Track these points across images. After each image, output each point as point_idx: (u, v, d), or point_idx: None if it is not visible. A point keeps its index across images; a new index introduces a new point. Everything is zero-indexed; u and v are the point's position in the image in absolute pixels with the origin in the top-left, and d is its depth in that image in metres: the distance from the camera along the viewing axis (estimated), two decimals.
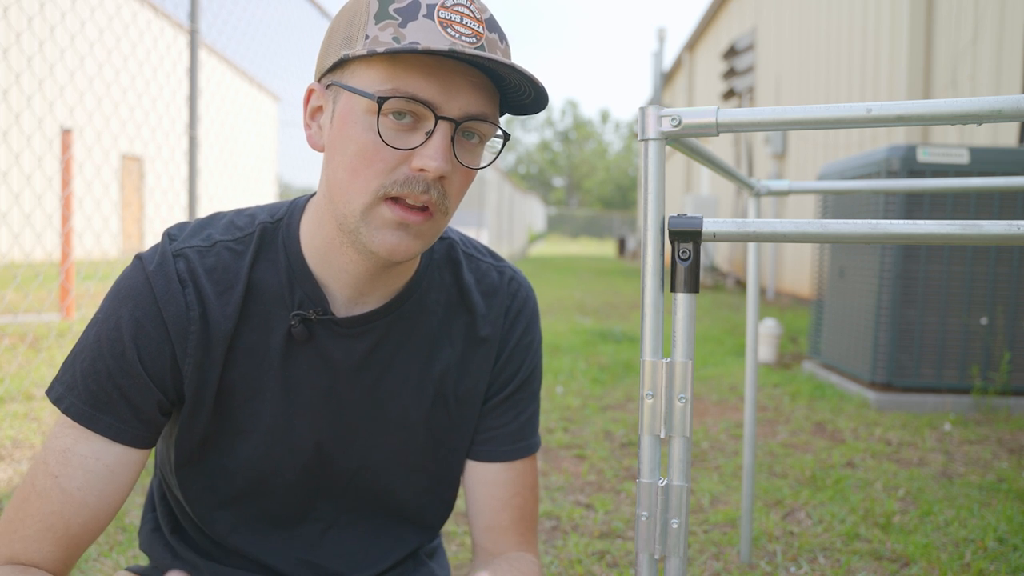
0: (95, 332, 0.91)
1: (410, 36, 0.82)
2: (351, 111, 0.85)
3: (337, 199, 0.88)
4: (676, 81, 19.47)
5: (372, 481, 1.03)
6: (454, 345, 1.04)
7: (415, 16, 0.82)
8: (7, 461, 2.59)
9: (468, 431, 1.07)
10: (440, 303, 1.03)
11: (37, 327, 5.16)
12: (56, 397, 0.90)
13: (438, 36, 0.82)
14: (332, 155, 0.88)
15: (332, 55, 0.87)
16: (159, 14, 10.46)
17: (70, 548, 0.90)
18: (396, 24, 0.82)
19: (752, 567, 2.00)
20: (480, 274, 1.07)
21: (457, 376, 1.04)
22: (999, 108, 0.64)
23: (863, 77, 7.91)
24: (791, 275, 9.79)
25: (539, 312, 1.12)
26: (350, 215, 0.87)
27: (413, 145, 0.84)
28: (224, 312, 0.92)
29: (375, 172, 0.85)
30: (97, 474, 0.89)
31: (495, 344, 1.06)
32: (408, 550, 1.09)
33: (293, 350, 0.95)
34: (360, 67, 0.84)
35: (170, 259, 0.92)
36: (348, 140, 0.85)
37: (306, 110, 0.92)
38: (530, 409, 1.10)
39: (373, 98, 0.82)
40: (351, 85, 0.85)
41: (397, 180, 0.85)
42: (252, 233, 0.96)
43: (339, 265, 0.93)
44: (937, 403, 3.76)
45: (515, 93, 0.89)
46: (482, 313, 1.06)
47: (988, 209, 3.77)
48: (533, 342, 1.10)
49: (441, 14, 0.83)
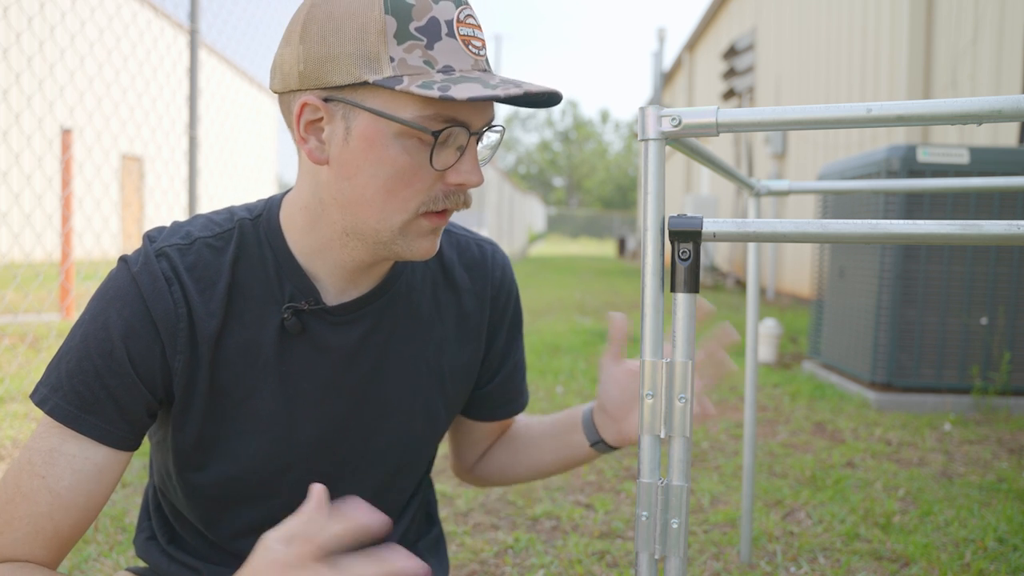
0: (81, 333, 0.90)
1: (441, 59, 0.83)
2: (379, 133, 0.84)
3: (365, 215, 0.88)
4: (676, 81, 19.48)
5: (370, 466, 1.04)
6: (444, 322, 1.06)
7: (439, 36, 0.82)
8: (7, 461, 2.59)
9: (460, 403, 1.13)
10: (427, 281, 1.05)
11: (37, 327, 5.16)
12: (40, 399, 0.88)
13: (464, 56, 0.84)
14: (351, 173, 0.86)
15: (340, 71, 0.83)
16: (159, 14, 10.46)
17: (60, 549, 0.90)
18: (423, 46, 0.82)
19: (752, 567, 2.00)
20: (460, 248, 1.10)
21: (450, 353, 1.07)
22: (999, 108, 0.64)
23: (863, 77, 7.91)
24: (791, 275, 9.79)
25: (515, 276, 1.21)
26: (385, 230, 0.88)
27: (451, 163, 0.87)
28: (208, 309, 0.92)
29: (414, 192, 0.86)
30: (86, 473, 0.88)
31: (483, 317, 1.10)
32: (403, 503, 1.12)
33: (287, 344, 0.95)
34: (388, 91, 0.83)
35: (153, 258, 0.91)
36: (381, 163, 0.85)
37: (298, 124, 0.87)
38: (524, 365, 1.21)
39: (427, 131, 0.83)
40: (379, 109, 0.83)
41: (436, 197, 0.87)
42: (231, 229, 0.95)
43: (336, 260, 0.94)
44: (937, 403, 3.76)
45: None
46: (467, 287, 1.08)
47: (988, 209, 3.77)
48: (519, 312, 1.17)
49: (462, 32, 0.84)
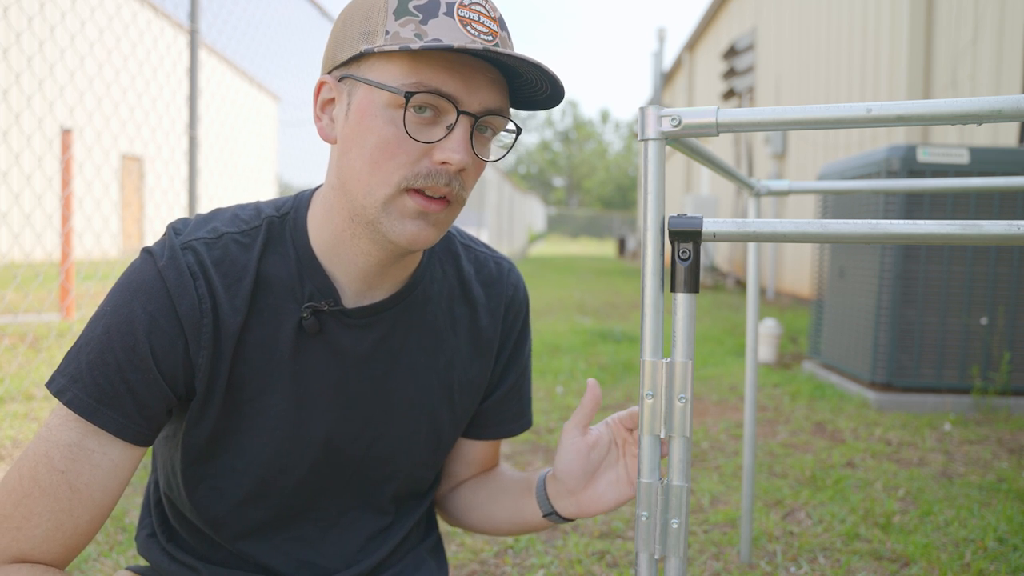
0: (104, 324, 0.88)
1: (432, 33, 0.83)
2: (371, 104, 0.86)
3: (355, 190, 0.89)
4: (676, 81, 19.47)
5: (375, 471, 1.05)
6: (458, 335, 1.07)
7: (435, 14, 0.84)
8: (7, 461, 2.59)
9: (466, 418, 1.13)
10: (443, 294, 1.06)
11: (37, 327, 5.16)
12: (58, 389, 0.87)
13: (459, 34, 0.84)
14: (348, 147, 0.88)
15: (347, 48, 0.88)
16: (159, 14, 10.46)
17: (76, 547, 0.89)
18: (417, 21, 0.83)
19: (752, 567, 2.00)
20: (478, 264, 1.11)
21: (460, 366, 1.07)
22: (999, 108, 0.64)
23: (863, 77, 7.91)
24: (791, 275, 9.79)
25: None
26: (370, 206, 0.88)
27: (436, 139, 0.86)
28: (233, 305, 0.92)
29: (397, 164, 0.86)
30: (103, 469, 0.87)
31: (495, 334, 1.11)
32: (406, 531, 1.10)
33: (303, 343, 0.95)
34: (380, 62, 0.85)
35: (179, 252, 0.91)
36: (368, 132, 0.86)
37: (316, 103, 0.92)
38: (528, 390, 1.20)
39: (400, 92, 0.83)
40: (371, 79, 0.86)
41: (420, 173, 0.86)
42: (258, 226, 0.96)
43: (349, 257, 0.94)
44: (937, 403, 3.76)
45: (530, 89, 0.90)
46: (483, 303, 1.09)
47: (988, 209, 3.77)
48: (528, 331, 1.18)
49: (460, 12, 0.84)
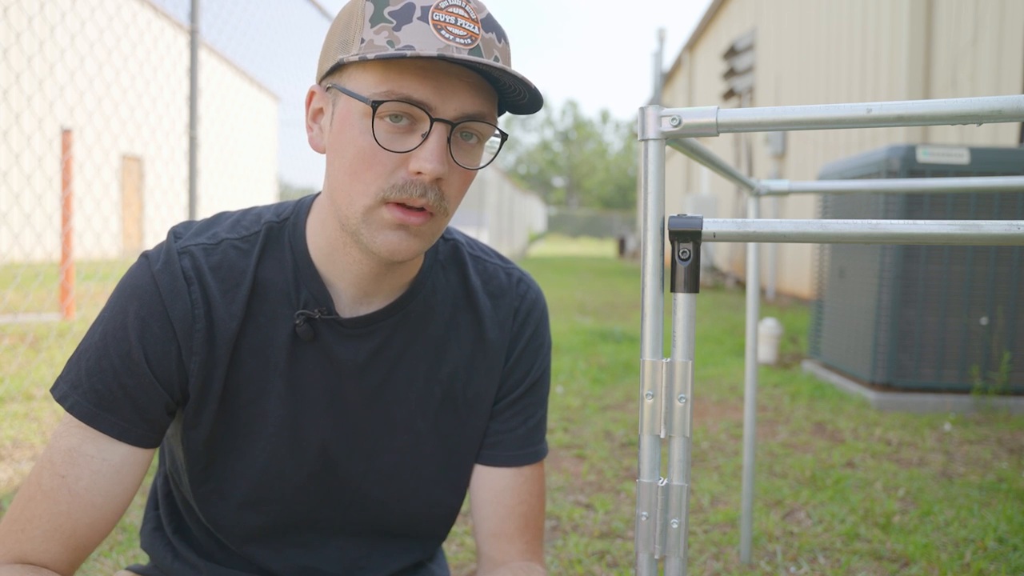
0: (101, 330, 0.91)
1: (404, 39, 0.82)
2: (349, 114, 0.86)
3: (339, 200, 0.89)
4: (676, 81, 19.47)
5: (378, 488, 1.02)
6: (462, 347, 1.04)
7: (409, 19, 0.82)
8: (7, 461, 2.59)
9: (478, 436, 1.06)
10: (446, 304, 1.03)
11: (37, 327, 5.15)
12: (60, 395, 0.90)
13: (432, 39, 0.82)
14: (333, 157, 0.89)
15: (330, 58, 0.88)
16: (159, 14, 10.46)
17: (77, 549, 0.90)
18: (391, 28, 0.82)
19: (752, 567, 2.00)
20: (487, 276, 1.07)
21: (466, 378, 1.04)
22: (999, 108, 0.64)
23: (863, 77, 7.91)
24: (791, 275, 9.79)
25: (548, 315, 1.12)
26: (351, 216, 0.88)
27: (409, 148, 0.84)
28: (229, 310, 0.92)
29: (374, 175, 0.85)
30: (103, 474, 0.88)
31: (504, 346, 1.06)
32: (411, 562, 1.08)
33: (298, 350, 0.95)
34: (356, 71, 0.85)
35: (175, 256, 0.92)
36: (347, 143, 0.86)
37: (308, 112, 0.92)
38: (538, 414, 1.09)
39: (367, 102, 0.83)
40: (349, 88, 0.85)
41: (396, 184, 0.85)
42: (258, 232, 0.96)
43: (344, 264, 0.94)
44: (937, 403, 3.76)
45: (511, 94, 0.89)
46: (489, 315, 1.05)
47: (988, 209, 3.77)
48: (543, 345, 1.09)
49: (435, 16, 0.83)
